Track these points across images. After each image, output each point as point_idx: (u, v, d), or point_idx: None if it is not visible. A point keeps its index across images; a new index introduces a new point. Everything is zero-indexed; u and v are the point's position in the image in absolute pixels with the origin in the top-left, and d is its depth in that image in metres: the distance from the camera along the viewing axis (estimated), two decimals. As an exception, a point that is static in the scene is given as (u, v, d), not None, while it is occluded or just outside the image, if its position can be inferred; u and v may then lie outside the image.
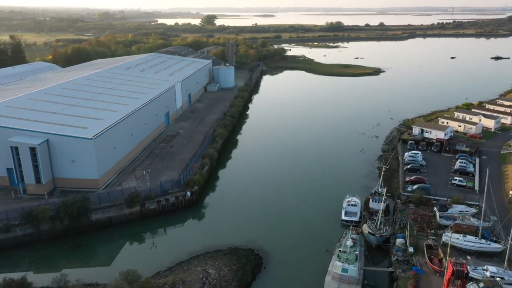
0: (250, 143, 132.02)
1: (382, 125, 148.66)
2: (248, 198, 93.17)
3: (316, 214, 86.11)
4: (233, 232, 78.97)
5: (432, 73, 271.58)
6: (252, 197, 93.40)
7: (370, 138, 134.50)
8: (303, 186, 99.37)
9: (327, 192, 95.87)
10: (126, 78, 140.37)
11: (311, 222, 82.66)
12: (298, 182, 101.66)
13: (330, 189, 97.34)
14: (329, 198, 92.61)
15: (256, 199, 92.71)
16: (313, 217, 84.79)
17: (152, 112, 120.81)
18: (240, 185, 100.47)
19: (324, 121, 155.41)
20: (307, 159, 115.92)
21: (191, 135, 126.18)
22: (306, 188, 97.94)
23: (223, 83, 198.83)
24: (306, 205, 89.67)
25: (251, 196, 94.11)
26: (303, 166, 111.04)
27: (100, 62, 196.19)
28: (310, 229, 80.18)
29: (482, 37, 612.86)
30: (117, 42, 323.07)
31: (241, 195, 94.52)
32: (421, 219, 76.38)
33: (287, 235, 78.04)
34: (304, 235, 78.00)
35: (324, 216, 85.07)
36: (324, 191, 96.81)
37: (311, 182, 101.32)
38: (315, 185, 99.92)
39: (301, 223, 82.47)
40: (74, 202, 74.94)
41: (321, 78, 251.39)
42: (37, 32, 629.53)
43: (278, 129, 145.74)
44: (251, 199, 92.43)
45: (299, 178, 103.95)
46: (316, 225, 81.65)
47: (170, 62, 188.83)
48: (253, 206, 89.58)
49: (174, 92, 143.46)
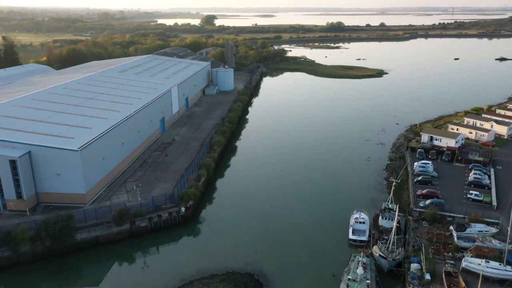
0: (249, 150, 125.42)
1: (387, 131, 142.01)
2: (247, 212, 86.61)
3: (321, 231, 79.56)
4: (230, 253, 72.48)
5: (436, 74, 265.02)
6: (252, 211, 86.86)
7: (375, 145, 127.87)
8: (306, 198, 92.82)
9: (332, 206, 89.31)
10: (119, 82, 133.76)
11: (315, 241, 76.12)
12: (300, 194, 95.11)
13: (336, 203, 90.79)
14: (334, 213, 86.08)
15: (256, 213, 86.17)
16: (318, 235, 78.23)
17: (146, 119, 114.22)
18: (238, 197, 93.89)
19: (327, 126, 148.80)
20: (310, 169, 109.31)
21: (188, 143, 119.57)
22: (310, 201, 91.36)
23: (222, 85, 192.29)
24: (309, 221, 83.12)
25: (250, 210, 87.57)
26: (305, 177, 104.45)
27: (95, 64, 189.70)
28: (314, 249, 73.63)
29: (484, 37, 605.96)
30: (114, 43, 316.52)
31: (240, 209, 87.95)
32: (436, 239, 69.80)
33: (289, 256, 71.43)
34: (308, 256, 71.39)
35: (329, 234, 78.50)
36: (329, 204, 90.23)
37: (314, 194, 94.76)
38: (319, 197, 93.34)
39: (305, 242, 75.92)
40: (56, 221, 68.41)
41: (322, 80, 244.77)
42: (35, 32, 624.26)
43: (279, 135, 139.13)
44: (251, 214, 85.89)
45: (302, 189, 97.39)
46: (321, 245, 75.11)
47: (167, 64, 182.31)
48: (253, 221, 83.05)
49: (170, 97, 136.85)
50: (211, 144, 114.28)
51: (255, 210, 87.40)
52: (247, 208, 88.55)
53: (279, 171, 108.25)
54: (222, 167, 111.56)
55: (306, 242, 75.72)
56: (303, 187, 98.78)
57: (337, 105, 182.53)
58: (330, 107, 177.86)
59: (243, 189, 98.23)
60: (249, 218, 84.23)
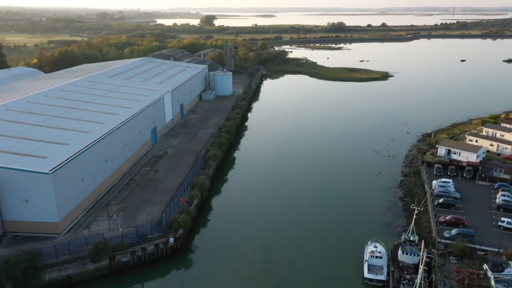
0: (248, 163, 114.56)
1: (397, 141, 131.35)
2: (245, 242, 75.74)
3: (330, 266, 68.85)
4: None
5: (444, 77, 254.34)
6: (250, 241, 76.02)
7: (386, 158, 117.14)
8: (313, 224, 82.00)
9: (343, 233, 78.56)
10: (107, 89, 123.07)
11: (324, 279, 65.39)
12: (306, 218, 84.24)
13: (346, 228, 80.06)
14: (345, 242, 75.36)
15: (255, 243, 75.34)
16: (327, 271, 67.47)
17: (135, 130, 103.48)
18: (236, 223, 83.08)
19: (333, 136, 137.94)
20: (316, 187, 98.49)
21: (181, 156, 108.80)
22: (317, 227, 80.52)
23: (220, 90, 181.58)
24: (317, 252, 72.38)
25: (249, 239, 76.71)
26: (311, 196, 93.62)
27: (86, 67, 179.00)
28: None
29: (488, 38, 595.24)
30: (109, 44, 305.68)
31: (237, 238, 77.11)
32: (469, 281, 59.17)
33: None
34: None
35: (340, 270, 67.76)
36: (339, 230, 79.50)
37: (322, 219, 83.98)
38: (328, 222, 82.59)
39: (312, 280, 65.21)
40: (18, 260, 57.71)
41: (325, 84, 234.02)
42: (31, 33, 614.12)
43: (280, 146, 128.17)
44: (249, 244, 75.05)
45: (308, 212, 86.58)
46: (331, 284, 64.45)
47: (161, 67, 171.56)
48: (252, 254, 72.31)
49: (163, 104, 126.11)
50: (206, 159, 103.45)
51: (255, 240, 76.61)
52: (246, 237, 77.71)
53: (281, 189, 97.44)
54: (219, 183, 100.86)
55: (313, 281, 65.01)
56: (309, 209, 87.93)
57: (342, 111, 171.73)
58: (335, 114, 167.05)
59: (241, 212, 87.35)
60: (248, 250, 73.46)
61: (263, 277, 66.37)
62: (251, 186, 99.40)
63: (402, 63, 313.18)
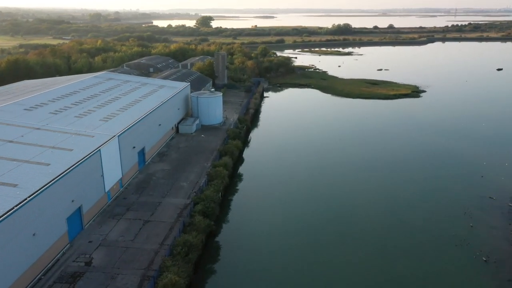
0: (242, 253, 64.91)
1: (479, 220, 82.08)
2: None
3: None
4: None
5: (487, 92, 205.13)
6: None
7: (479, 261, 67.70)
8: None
9: None
10: (10, 135, 73.74)
11: None
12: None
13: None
14: None
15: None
16: None
17: (27, 229, 53.99)
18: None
19: (370, 192, 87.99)
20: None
21: (116, 273, 59.12)
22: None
23: (206, 118, 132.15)
24: None
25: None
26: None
27: (20, 86, 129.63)
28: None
29: (507, 41, 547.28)
30: (81, 50, 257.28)
31: None
32: None
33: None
34: None
35: None
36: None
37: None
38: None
39: None
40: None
41: (343, 102, 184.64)
42: (12, 35, 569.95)
43: (289, 218, 78.28)
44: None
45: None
46: None
47: (122, 89, 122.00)
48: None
49: (99, 162, 76.21)
50: (164, 282, 53.55)
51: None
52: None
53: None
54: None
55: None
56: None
57: (373, 146, 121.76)
58: (364, 151, 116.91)
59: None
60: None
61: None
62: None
63: (429, 73, 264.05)
